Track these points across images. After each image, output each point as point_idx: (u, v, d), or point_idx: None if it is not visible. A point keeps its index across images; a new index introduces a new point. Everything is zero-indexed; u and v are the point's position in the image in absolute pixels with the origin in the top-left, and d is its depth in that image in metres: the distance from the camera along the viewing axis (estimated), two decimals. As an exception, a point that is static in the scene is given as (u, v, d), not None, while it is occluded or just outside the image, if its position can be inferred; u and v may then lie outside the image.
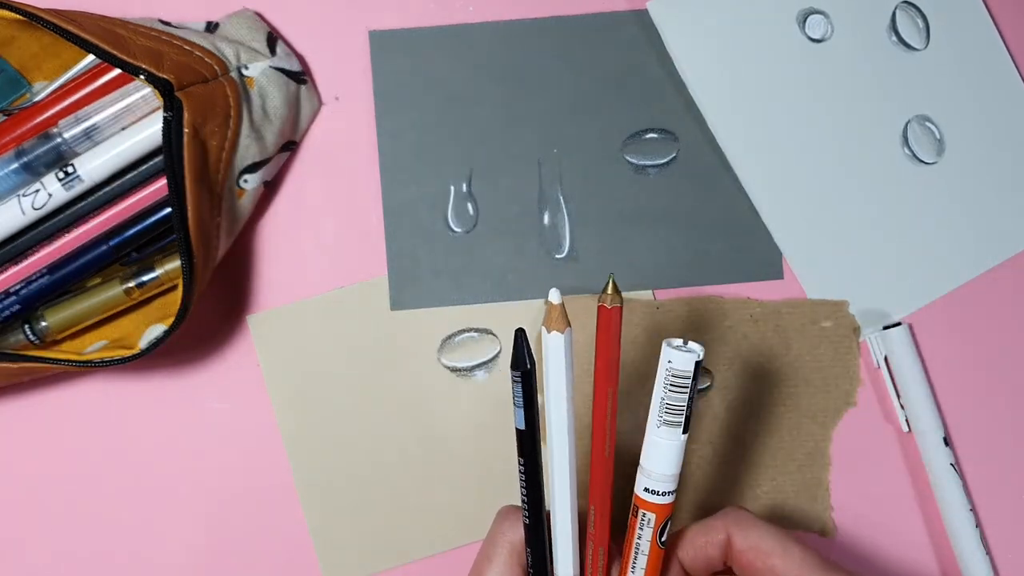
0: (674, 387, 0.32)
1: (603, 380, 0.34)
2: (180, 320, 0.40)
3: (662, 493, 0.34)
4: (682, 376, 0.32)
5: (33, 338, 0.42)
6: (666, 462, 0.33)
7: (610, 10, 0.47)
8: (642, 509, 0.34)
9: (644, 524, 0.34)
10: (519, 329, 0.32)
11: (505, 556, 0.36)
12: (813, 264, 0.47)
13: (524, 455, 0.34)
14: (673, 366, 0.32)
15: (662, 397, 0.33)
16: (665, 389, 0.32)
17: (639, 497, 0.34)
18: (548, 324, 0.32)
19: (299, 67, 0.44)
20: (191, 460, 0.46)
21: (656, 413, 0.33)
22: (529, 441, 0.34)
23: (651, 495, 0.34)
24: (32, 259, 0.42)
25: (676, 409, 0.33)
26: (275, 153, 0.44)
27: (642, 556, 0.35)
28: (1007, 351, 0.47)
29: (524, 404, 0.33)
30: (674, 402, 0.33)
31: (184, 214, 0.38)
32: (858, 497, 0.47)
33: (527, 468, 0.34)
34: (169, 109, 0.38)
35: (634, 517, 0.35)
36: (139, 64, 0.38)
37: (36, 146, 0.41)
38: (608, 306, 0.33)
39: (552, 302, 0.32)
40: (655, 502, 0.34)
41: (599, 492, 0.35)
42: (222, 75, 0.41)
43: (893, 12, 0.47)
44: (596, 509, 0.35)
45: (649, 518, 0.34)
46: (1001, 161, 0.48)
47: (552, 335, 0.32)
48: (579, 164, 0.47)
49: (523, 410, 0.33)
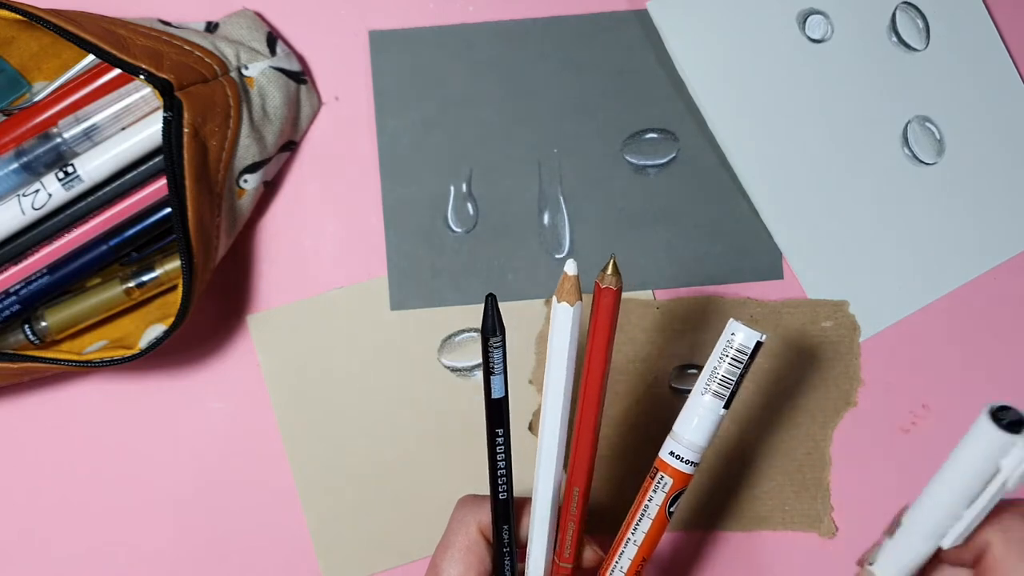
0: (733, 360, 0.33)
1: (595, 364, 0.33)
2: (180, 320, 0.40)
3: (687, 461, 0.34)
4: (742, 351, 0.33)
5: (33, 338, 0.42)
6: (700, 432, 0.34)
7: (610, 10, 0.47)
8: (662, 471, 0.34)
9: (659, 487, 0.35)
10: (489, 295, 0.31)
11: (462, 545, 0.36)
12: (813, 264, 0.47)
13: (503, 425, 0.33)
14: (736, 339, 0.33)
15: (715, 367, 0.33)
16: (721, 360, 0.33)
17: (663, 460, 0.34)
18: (559, 294, 0.32)
19: (299, 67, 0.44)
20: (191, 460, 0.46)
21: (704, 381, 0.33)
22: (505, 411, 0.33)
23: (675, 460, 0.34)
24: (32, 259, 0.42)
25: (727, 382, 0.33)
26: (275, 153, 0.44)
27: (647, 519, 0.35)
28: (1007, 351, 0.47)
29: (504, 371, 0.32)
30: (727, 375, 0.33)
31: (184, 214, 0.38)
32: (858, 497, 0.47)
33: (504, 439, 0.34)
34: (169, 109, 0.38)
35: (650, 479, 0.35)
36: (139, 64, 0.38)
37: (36, 146, 0.41)
38: (603, 286, 0.32)
39: (567, 273, 0.31)
40: (678, 468, 0.34)
41: (581, 473, 0.35)
42: (222, 75, 0.41)
43: (893, 13, 0.47)
44: (579, 490, 0.35)
45: (666, 482, 0.34)
46: (1001, 161, 0.48)
47: (561, 306, 0.31)
48: (579, 164, 0.47)
49: (502, 376, 0.32)
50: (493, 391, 0.33)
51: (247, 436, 0.46)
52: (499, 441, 0.34)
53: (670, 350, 0.45)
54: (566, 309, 0.31)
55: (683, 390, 0.46)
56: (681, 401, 0.46)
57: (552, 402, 0.33)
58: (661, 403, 0.46)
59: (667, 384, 0.46)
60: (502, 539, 0.35)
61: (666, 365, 0.45)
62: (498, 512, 0.35)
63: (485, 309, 0.31)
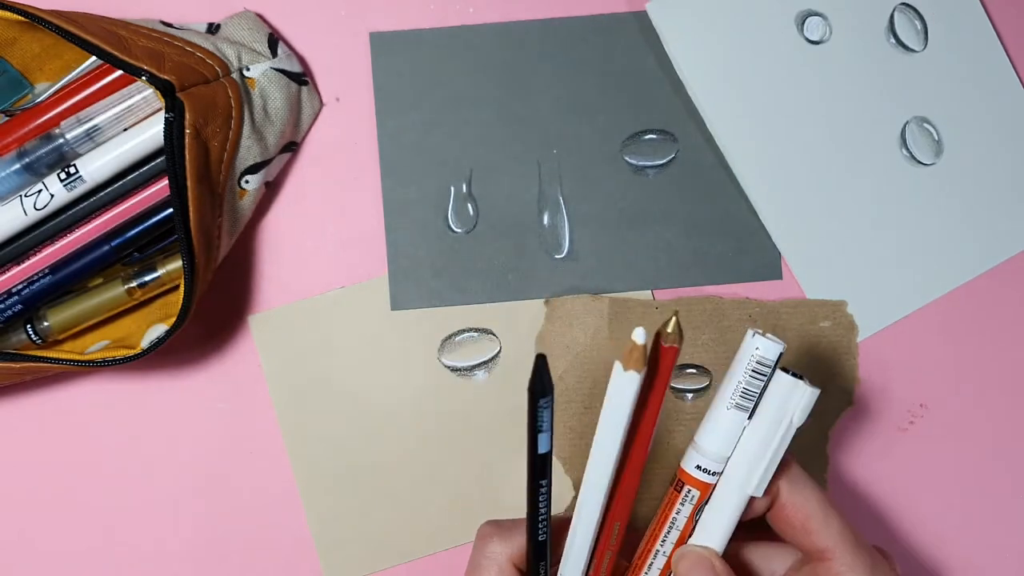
0: (755, 373, 0.33)
1: (651, 412, 0.33)
2: (182, 320, 0.40)
3: (712, 473, 0.35)
4: (765, 364, 0.33)
5: (35, 338, 0.43)
6: (725, 444, 0.35)
7: (610, 11, 0.47)
8: (688, 485, 0.35)
9: (686, 500, 0.35)
10: (539, 356, 0.30)
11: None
12: (812, 264, 0.47)
13: (546, 476, 0.33)
14: (759, 353, 0.33)
15: (739, 381, 0.34)
16: (745, 374, 0.34)
17: (688, 473, 0.35)
18: (626, 362, 0.30)
19: (300, 68, 0.45)
20: (192, 460, 0.46)
21: (728, 395, 0.34)
22: (548, 464, 0.33)
23: (701, 473, 0.35)
24: (34, 259, 0.42)
25: (750, 394, 0.34)
26: (276, 154, 0.44)
27: (675, 531, 0.36)
28: (1007, 352, 0.48)
29: (550, 428, 0.31)
30: (751, 387, 0.34)
31: (186, 214, 0.38)
32: (858, 497, 0.47)
33: (547, 489, 0.33)
34: (171, 110, 0.38)
35: (676, 492, 0.35)
36: (140, 65, 0.38)
37: (38, 147, 0.41)
38: (666, 344, 0.32)
39: (636, 341, 0.30)
40: (704, 480, 0.35)
41: (624, 509, 0.35)
42: (223, 76, 0.41)
43: (891, 14, 0.48)
44: (620, 525, 0.35)
45: (693, 495, 0.35)
46: (999, 162, 0.48)
47: (628, 374, 0.30)
48: (578, 164, 0.47)
49: (549, 434, 0.31)
50: (540, 447, 0.32)
51: (248, 436, 0.46)
52: (542, 491, 0.33)
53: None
54: (633, 377, 0.30)
55: (683, 390, 0.46)
56: (681, 401, 0.46)
57: (599, 464, 0.33)
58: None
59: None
60: (538, 574, 0.35)
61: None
62: (535, 550, 0.35)
63: (535, 369, 0.30)
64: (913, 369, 0.47)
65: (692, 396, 0.46)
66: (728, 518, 0.35)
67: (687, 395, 0.46)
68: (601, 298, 0.46)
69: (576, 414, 0.45)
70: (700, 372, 0.46)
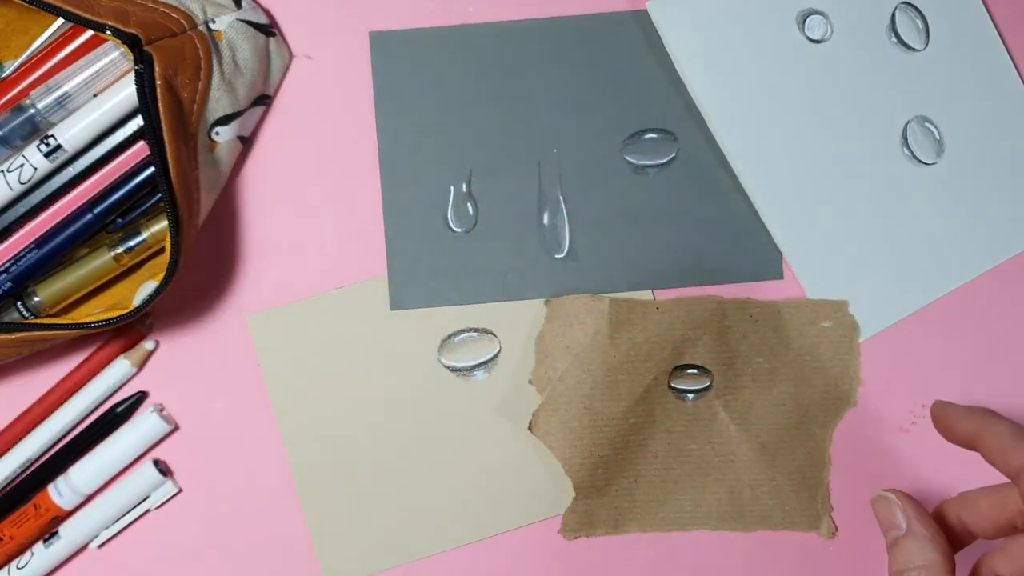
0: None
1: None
2: (171, 275, 0.40)
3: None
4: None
5: (27, 314, 0.42)
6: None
7: (610, 10, 0.47)
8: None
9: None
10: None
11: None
12: (813, 264, 0.47)
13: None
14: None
15: None
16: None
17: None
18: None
19: (266, 20, 0.45)
20: (191, 460, 0.46)
21: None
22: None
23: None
24: (18, 235, 0.42)
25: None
26: (248, 107, 0.44)
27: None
28: (1007, 351, 0.47)
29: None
30: None
31: (166, 166, 0.38)
32: (858, 497, 0.47)
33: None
34: (140, 62, 0.38)
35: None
36: (105, 21, 0.38)
37: (9, 119, 0.41)
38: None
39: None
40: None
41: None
42: (190, 29, 0.41)
43: (893, 13, 0.47)
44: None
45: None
46: (1001, 161, 0.48)
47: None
48: (579, 164, 0.47)
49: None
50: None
51: (247, 436, 0.46)
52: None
53: (670, 350, 0.45)
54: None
55: (683, 390, 0.46)
56: (682, 401, 0.46)
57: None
58: (661, 403, 0.46)
59: (667, 384, 0.46)
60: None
61: (666, 365, 0.45)
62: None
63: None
64: (915, 369, 0.47)
65: (692, 396, 0.46)
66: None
67: (687, 395, 0.46)
68: (601, 298, 0.45)
69: (576, 414, 0.45)
70: (700, 372, 0.46)
